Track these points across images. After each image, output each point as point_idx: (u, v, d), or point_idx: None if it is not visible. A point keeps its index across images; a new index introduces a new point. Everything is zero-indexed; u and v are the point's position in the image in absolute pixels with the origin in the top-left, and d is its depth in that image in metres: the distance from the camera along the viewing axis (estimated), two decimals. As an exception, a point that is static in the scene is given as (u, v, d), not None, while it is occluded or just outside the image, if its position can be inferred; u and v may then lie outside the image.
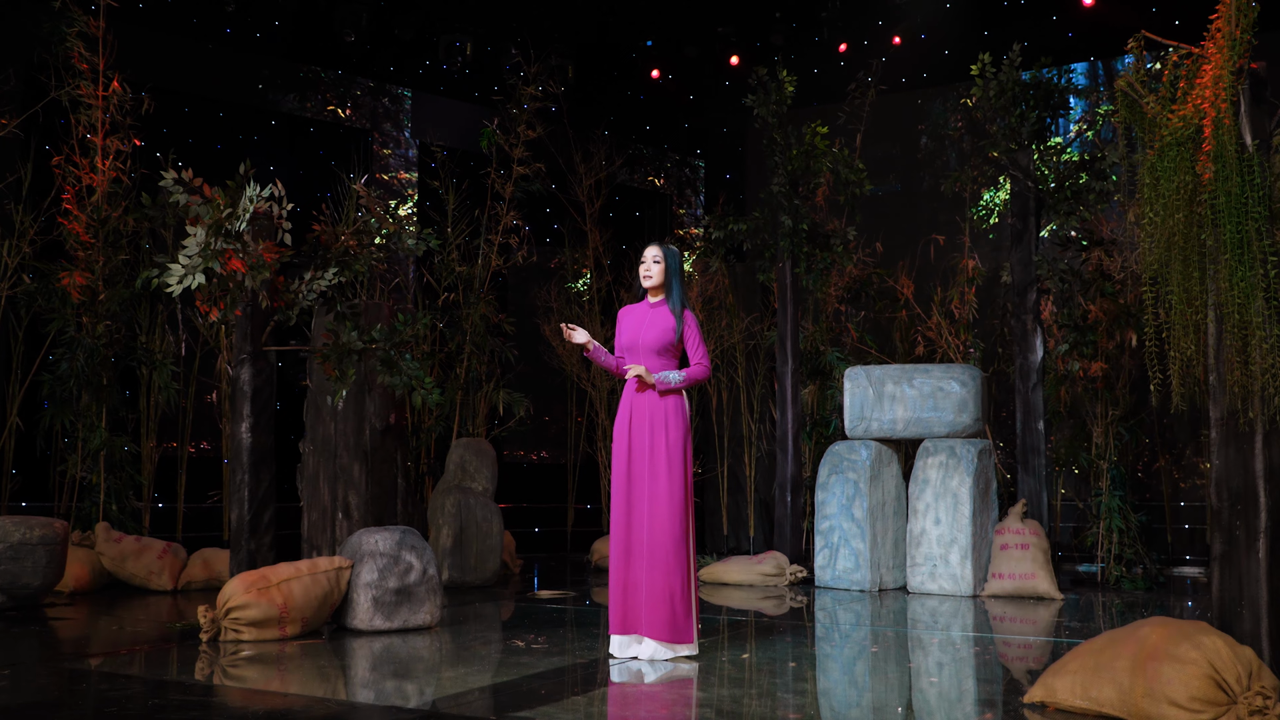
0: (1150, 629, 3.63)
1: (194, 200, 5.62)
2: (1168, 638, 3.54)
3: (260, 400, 5.92)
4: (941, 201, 11.13)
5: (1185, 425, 9.69)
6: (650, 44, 12.28)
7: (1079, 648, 3.84)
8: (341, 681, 4.47)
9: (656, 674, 4.52)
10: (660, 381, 4.90)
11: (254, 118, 10.03)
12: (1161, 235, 3.91)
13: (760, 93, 8.75)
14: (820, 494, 8.00)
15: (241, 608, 5.25)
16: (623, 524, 4.90)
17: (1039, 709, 3.79)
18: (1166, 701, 3.42)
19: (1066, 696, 3.71)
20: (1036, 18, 10.98)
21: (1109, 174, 7.90)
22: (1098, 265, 8.24)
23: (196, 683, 4.48)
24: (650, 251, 5.04)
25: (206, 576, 7.52)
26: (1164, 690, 3.43)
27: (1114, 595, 7.55)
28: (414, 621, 5.67)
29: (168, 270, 5.13)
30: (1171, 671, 3.44)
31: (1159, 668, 3.47)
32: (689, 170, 12.58)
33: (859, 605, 6.98)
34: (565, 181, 10.60)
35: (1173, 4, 10.40)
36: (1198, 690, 3.38)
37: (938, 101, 11.61)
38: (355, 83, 10.43)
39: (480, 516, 7.87)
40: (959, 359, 9.51)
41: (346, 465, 7.44)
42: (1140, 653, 3.56)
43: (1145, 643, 3.58)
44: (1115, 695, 3.57)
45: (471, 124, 10.71)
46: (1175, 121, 3.94)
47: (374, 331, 6.19)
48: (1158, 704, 3.44)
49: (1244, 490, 3.73)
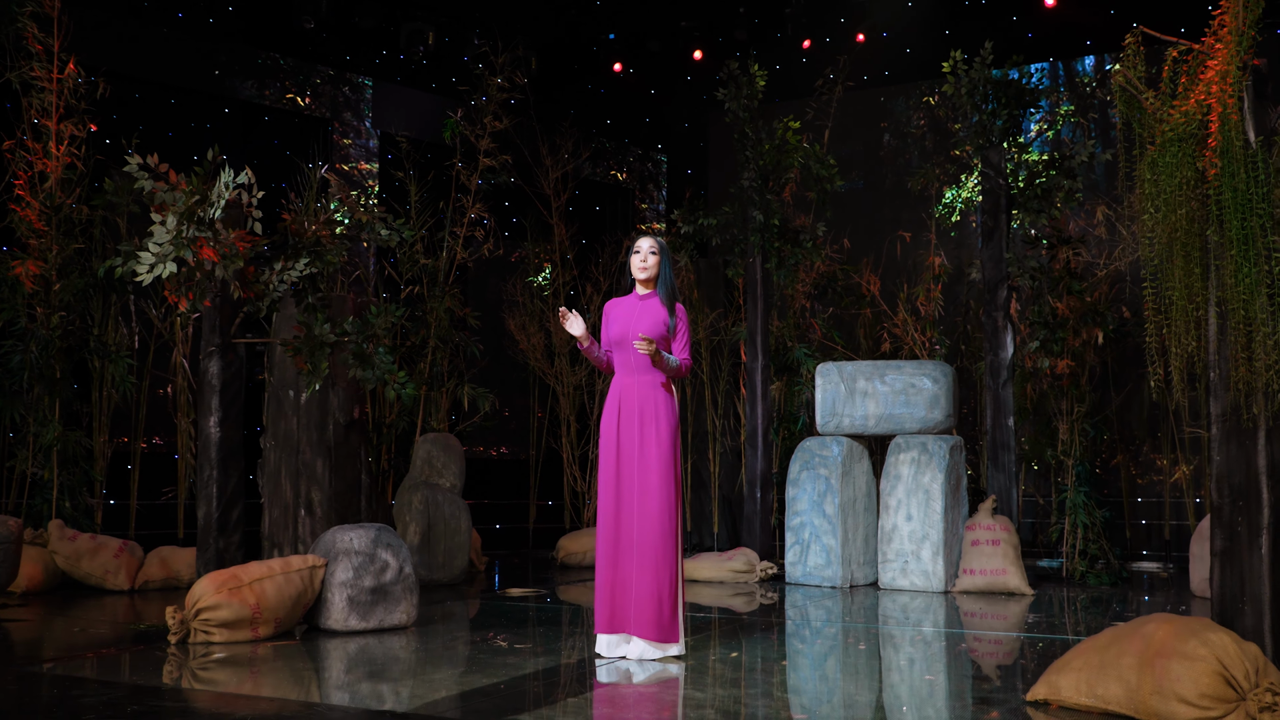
0: (1155, 626, 3.62)
1: (159, 186, 5.43)
2: (1175, 634, 3.52)
3: (229, 394, 5.74)
4: (905, 199, 11.17)
5: (1144, 423, 9.81)
6: (613, 37, 12.18)
7: (1081, 645, 3.82)
8: (320, 684, 4.32)
9: (647, 674, 4.43)
10: (666, 359, 4.80)
11: (208, 104, 9.76)
12: (1163, 231, 3.90)
13: (731, 86, 8.69)
14: (791, 490, 7.96)
15: (212, 608, 5.08)
16: (611, 520, 4.81)
17: (1042, 707, 3.76)
18: (1176, 699, 3.40)
19: (1071, 694, 3.68)
20: (996, 17, 11.05)
21: (1077, 173, 7.95)
22: (1064, 263, 8.29)
23: (165, 686, 4.32)
24: (645, 243, 4.95)
25: (164, 576, 7.30)
26: (1173, 687, 3.41)
27: (1080, 590, 7.60)
28: (390, 621, 5.53)
29: (136, 258, 4.94)
30: (1180, 668, 3.42)
31: (1167, 665, 3.45)
32: (651, 165, 12.50)
33: (832, 602, 6.95)
34: (530, 174, 10.46)
35: (1131, 6, 10.51)
36: (1207, 687, 3.37)
37: (900, 99, 11.64)
38: (315, 71, 10.20)
39: (448, 513, 7.72)
40: (924, 355, 9.53)
41: (310, 461, 7.25)
42: (1147, 650, 3.54)
43: (1151, 640, 3.56)
44: (1122, 692, 3.55)
45: (433, 115, 10.53)
46: (1177, 117, 3.93)
47: (345, 324, 6.04)
48: (1167, 701, 3.42)
49: (1246, 486, 3.73)
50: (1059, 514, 8.73)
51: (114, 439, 8.51)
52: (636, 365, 4.88)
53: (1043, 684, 3.80)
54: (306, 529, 7.10)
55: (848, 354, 9.70)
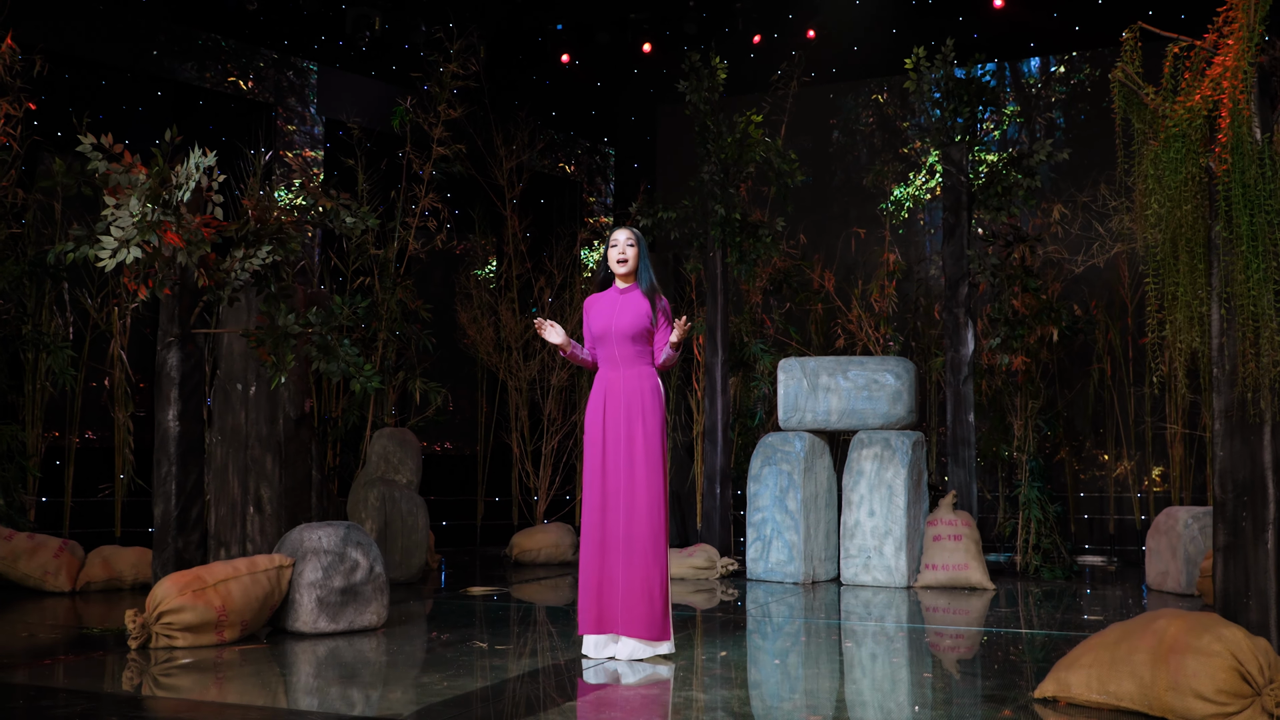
0: (1166, 622, 3.61)
1: (114, 168, 5.17)
2: (1188, 630, 3.52)
3: (189, 386, 5.49)
4: (853, 196, 11.20)
5: (1088, 419, 9.97)
6: (561, 28, 12.01)
7: (1089, 641, 3.80)
8: (291, 691, 4.13)
9: (638, 675, 4.32)
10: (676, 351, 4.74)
11: (144, 85, 9.36)
12: (1168, 227, 3.90)
13: (693, 78, 8.60)
14: (753, 486, 7.91)
15: (175, 611, 4.84)
16: (597, 516, 4.69)
17: (1051, 704, 3.74)
18: (1192, 694, 3.40)
19: (1082, 691, 3.66)
20: (943, 16, 11.12)
21: (1036, 171, 8.02)
22: (1020, 261, 8.37)
23: (126, 694, 4.10)
24: (621, 235, 4.83)
25: (107, 576, 6.98)
26: (1189, 683, 3.41)
27: (1035, 584, 7.68)
28: (360, 623, 5.34)
29: (98, 242, 4.68)
30: (1196, 664, 3.42)
31: (1182, 660, 3.45)
32: (599, 158, 12.36)
33: (795, 598, 6.91)
34: (482, 164, 10.25)
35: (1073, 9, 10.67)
36: (1223, 683, 3.37)
37: (849, 97, 11.67)
38: (258, 54, 9.87)
39: (405, 510, 7.52)
40: (879, 351, 9.56)
41: (259, 457, 6.99)
42: (1160, 646, 3.53)
43: (1164, 636, 3.55)
44: (1135, 689, 3.54)
45: (380, 102, 10.26)
46: (1181, 113, 3.93)
47: (310, 314, 5.82)
48: (1183, 697, 3.41)
49: (1251, 482, 3.75)
50: (1011, 509, 8.83)
51: (47, 433, 8.14)
52: (621, 359, 4.77)
53: (1051, 681, 3.78)
54: (255, 527, 6.86)
55: (802, 350, 9.69)
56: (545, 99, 11.99)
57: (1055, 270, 9.28)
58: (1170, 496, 9.17)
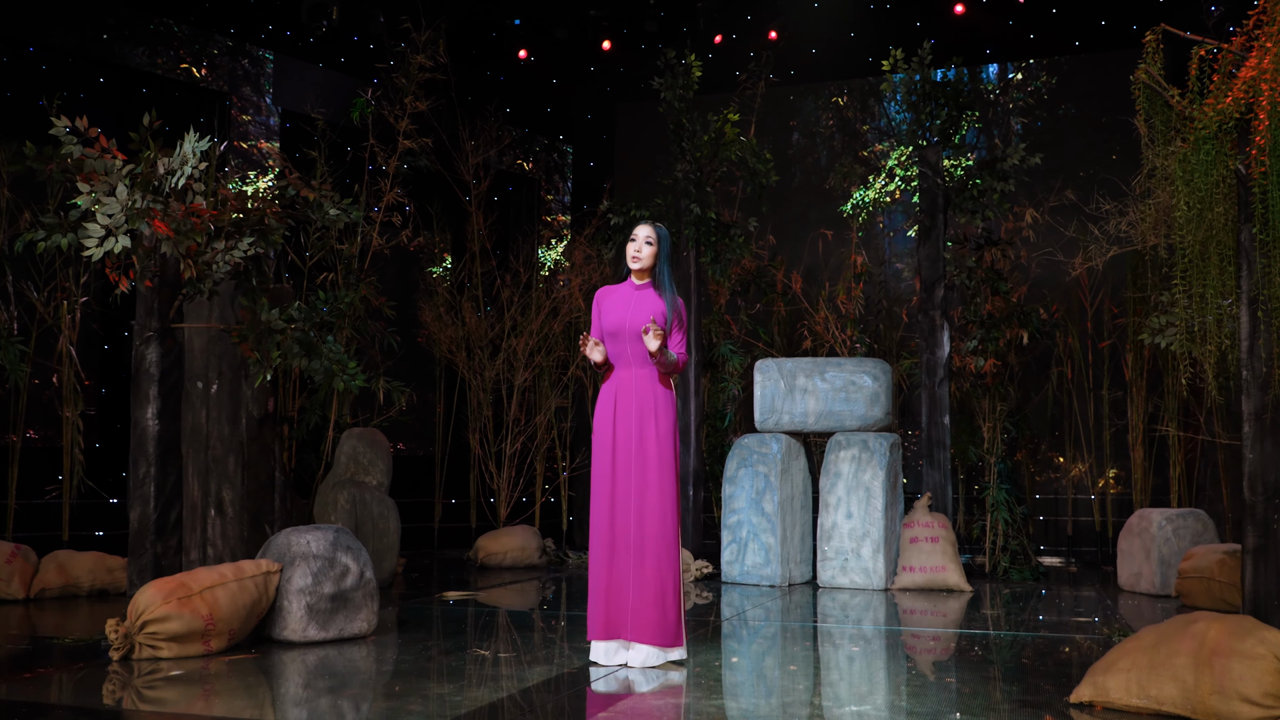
0: (1204, 625, 3.60)
1: (89, 153, 4.91)
2: (1229, 634, 3.51)
3: (169, 383, 5.23)
4: (813, 197, 11.20)
5: (1045, 421, 10.08)
6: (518, 22, 11.82)
7: (1125, 645, 3.77)
8: (299, 704, 3.94)
9: (651, 684, 4.20)
10: (663, 354, 4.56)
11: (90, 70, 8.96)
12: (1198, 229, 3.90)
13: (668, 76, 8.50)
14: (728, 488, 7.83)
15: (160, 620, 4.60)
16: (606, 520, 4.56)
17: (1087, 708, 3.71)
18: (1238, 698, 3.38)
19: (1121, 695, 3.63)
20: (903, 21, 11.18)
21: (1009, 176, 8.07)
22: (990, 264, 8.42)
23: (108, 708, 3.88)
24: (642, 231, 4.71)
25: (63, 583, 6.66)
26: (1235, 686, 3.39)
27: (1007, 585, 7.71)
28: (350, 630, 5.13)
29: (83, 230, 4.42)
30: (1242, 668, 3.41)
31: (1227, 664, 3.43)
32: (557, 156, 12.20)
33: (778, 601, 6.85)
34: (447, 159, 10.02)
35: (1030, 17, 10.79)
36: (1270, 685, 3.36)
37: (809, 99, 11.68)
38: (212, 40, 9.53)
39: (376, 513, 7.30)
40: (845, 353, 9.55)
41: (220, 457, 6.71)
42: (1201, 650, 3.52)
43: (1204, 639, 3.54)
44: (1178, 693, 3.51)
45: (337, 93, 9.98)
46: (1211, 114, 3.93)
47: (292, 309, 5.60)
48: (1228, 701, 3.40)
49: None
50: (978, 510, 8.88)
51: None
52: (634, 358, 4.65)
53: (1087, 685, 3.74)
54: (216, 530, 6.59)
55: (769, 351, 9.65)
56: (502, 95, 11.79)
57: (1021, 274, 9.37)
58: (1132, 499, 9.31)
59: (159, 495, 5.16)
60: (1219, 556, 6.30)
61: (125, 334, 8.97)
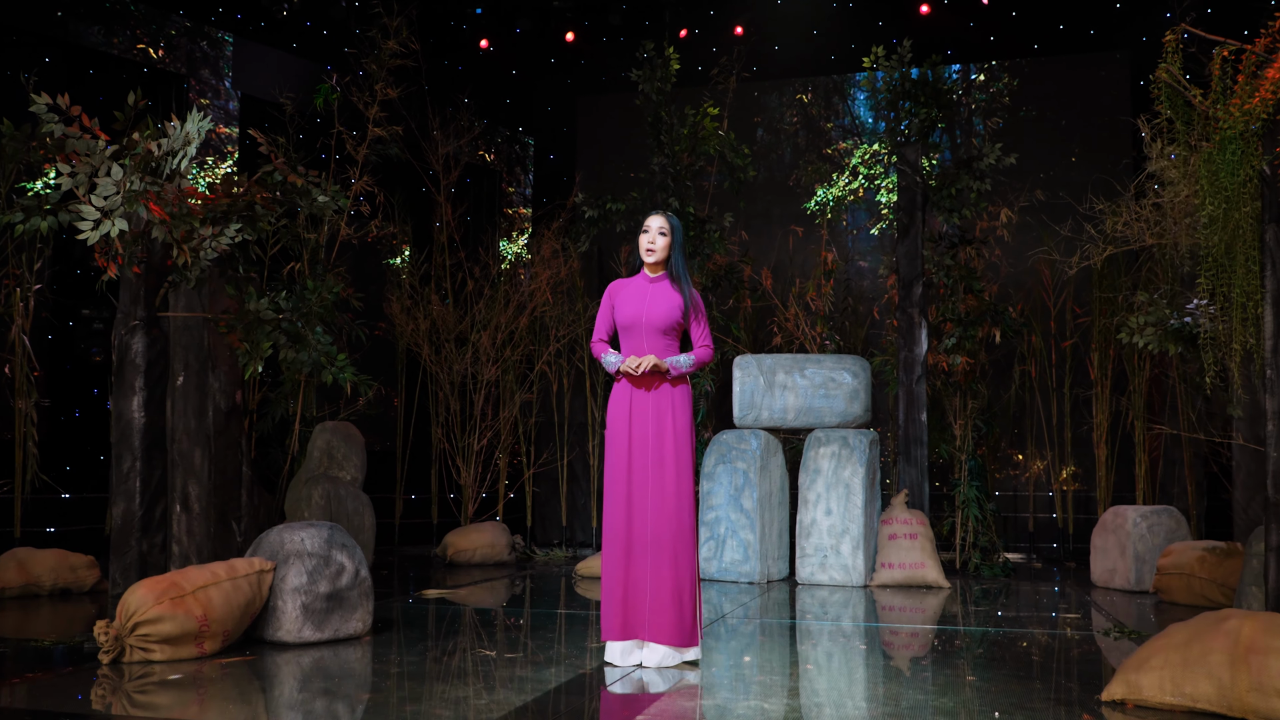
0: (1237, 622, 3.62)
1: (71, 132, 4.69)
2: (1263, 631, 3.53)
3: (154, 374, 5.02)
4: (778, 194, 11.19)
5: (1009, 419, 10.19)
6: (480, 12, 11.63)
7: (1156, 643, 3.78)
8: (315, 713, 3.78)
9: (668, 684, 4.11)
10: (673, 367, 4.50)
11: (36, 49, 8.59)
12: (1225, 229, 3.92)
13: (646, 69, 8.41)
14: (706, 484, 7.77)
15: (153, 621, 4.40)
16: (622, 520, 4.46)
17: (1119, 706, 3.71)
18: (1277, 695, 3.40)
19: (1154, 693, 3.64)
20: (867, 20, 11.21)
21: (986, 175, 8.12)
22: (965, 262, 8.47)
23: (98, 714, 3.71)
24: (655, 221, 4.61)
25: (23, 581, 6.38)
26: (1274, 683, 3.41)
27: (980, 582, 7.77)
28: (345, 630, 4.97)
29: (76, 213, 4.20)
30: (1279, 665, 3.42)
31: (1265, 661, 3.45)
32: (519, 147, 12.04)
33: (762, 598, 6.81)
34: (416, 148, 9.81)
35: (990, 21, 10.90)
36: (1308, 682, 3.38)
37: (774, 95, 11.66)
38: (170, 21, 9.20)
39: (351, 508, 7.11)
40: (815, 349, 9.55)
41: (186, 450, 6.45)
42: (1236, 647, 3.53)
43: (1238, 637, 3.55)
44: (1213, 690, 3.52)
45: (298, 78, 9.71)
46: (1237, 114, 3.96)
47: (280, 299, 5.42)
48: (1267, 698, 3.41)
49: (1309, 482, 3.79)
50: (947, 506, 8.94)
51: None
52: (650, 351, 4.55)
53: (1119, 683, 3.74)
54: (182, 527, 6.34)
55: (739, 348, 9.61)
56: (463, 85, 11.60)
57: (992, 274, 9.45)
58: (1096, 496, 9.44)
59: (144, 490, 4.95)
60: (1199, 553, 6.40)
61: (71, 323, 8.64)
